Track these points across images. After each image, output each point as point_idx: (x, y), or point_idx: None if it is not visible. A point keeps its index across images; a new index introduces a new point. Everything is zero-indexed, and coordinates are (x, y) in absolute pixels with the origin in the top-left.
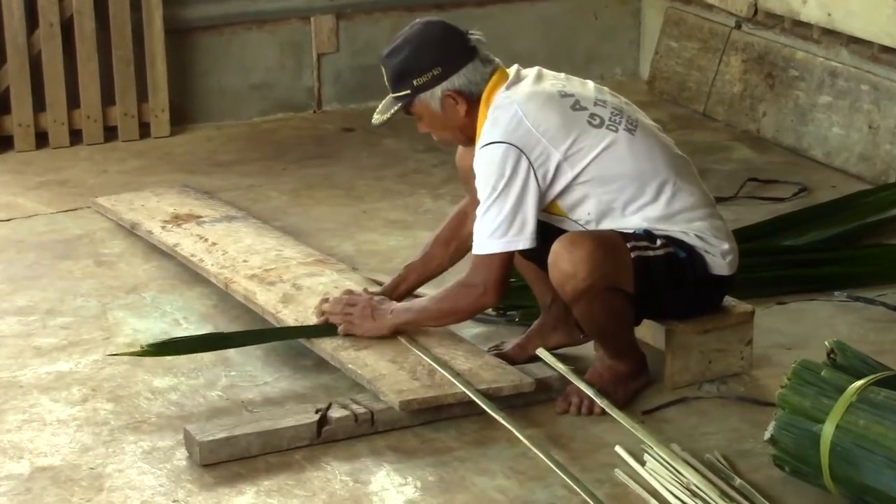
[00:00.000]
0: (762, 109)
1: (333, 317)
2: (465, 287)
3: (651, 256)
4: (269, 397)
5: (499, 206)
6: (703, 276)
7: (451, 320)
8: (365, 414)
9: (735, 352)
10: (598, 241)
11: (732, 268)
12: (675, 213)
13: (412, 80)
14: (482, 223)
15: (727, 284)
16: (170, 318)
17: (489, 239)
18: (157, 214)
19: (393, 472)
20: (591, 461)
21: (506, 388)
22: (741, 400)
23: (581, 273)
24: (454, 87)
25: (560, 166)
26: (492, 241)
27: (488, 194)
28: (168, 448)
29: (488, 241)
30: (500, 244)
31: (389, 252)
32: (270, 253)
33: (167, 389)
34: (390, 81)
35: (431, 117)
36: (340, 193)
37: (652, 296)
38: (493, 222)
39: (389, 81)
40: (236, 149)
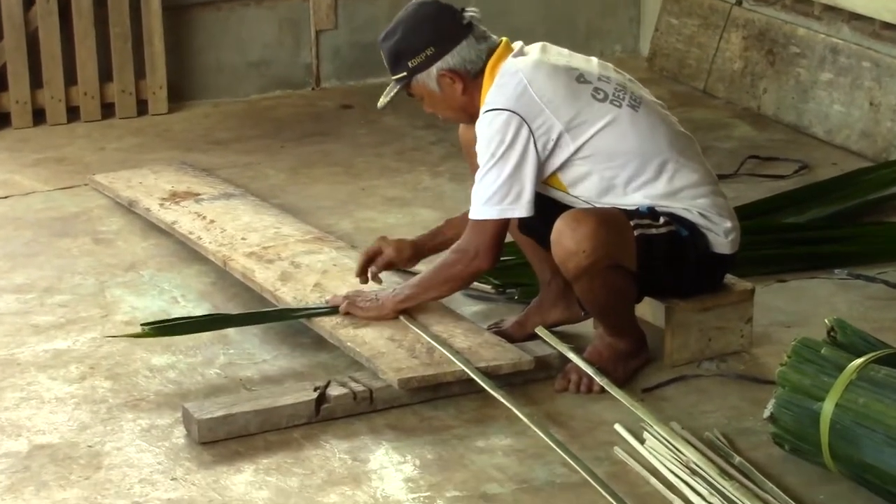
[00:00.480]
0: (763, 86)
1: (335, 299)
2: (458, 253)
3: (654, 234)
4: (268, 375)
5: (496, 172)
6: (705, 254)
7: (448, 288)
8: (364, 392)
9: (735, 330)
10: (601, 218)
11: (734, 246)
12: (677, 190)
13: (407, 62)
14: (479, 188)
15: (729, 263)
16: (168, 296)
17: (485, 205)
18: (155, 192)
19: (392, 450)
20: (591, 439)
21: (505, 367)
22: (741, 378)
23: (584, 250)
24: (449, 66)
25: (561, 137)
26: (487, 207)
27: (487, 160)
28: (166, 426)
29: (484, 206)
30: (495, 210)
31: (388, 230)
32: (269, 230)
33: (165, 367)
34: (388, 64)
35: (431, 97)
36: (339, 171)
37: (653, 274)
38: (490, 188)
39: (387, 64)
40: (234, 126)
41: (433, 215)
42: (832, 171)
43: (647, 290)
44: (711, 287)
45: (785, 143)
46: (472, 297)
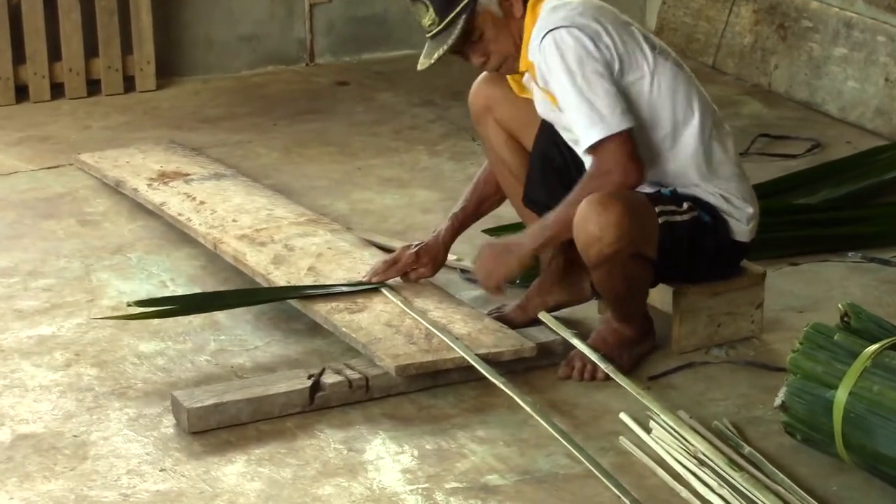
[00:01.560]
0: (774, 62)
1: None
2: (598, 178)
3: (677, 222)
4: (260, 362)
5: (590, 88)
6: (725, 241)
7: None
8: (360, 380)
9: (745, 315)
10: (628, 205)
11: (752, 234)
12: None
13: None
14: (580, 114)
15: (745, 251)
16: (156, 280)
17: (600, 123)
18: (143, 172)
19: (389, 440)
20: (595, 429)
21: (506, 353)
22: (751, 365)
23: (608, 238)
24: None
25: (614, 68)
26: (602, 125)
27: (571, 81)
28: (155, 415)
29: (599, 126)
30: (614, 123)
31: (385, 211)
32: (261, 212)
33: (154, 354)
34: (440, 4)
35: (494, 25)
36: (333, 150)
37: (671, 260)
38: (595, 104)
39: (439, 5)
40: (225, 103)
41: (432, 196)
42: (846, 150)
43: (662, 276)
44: (726, 275)
45: (797, 121)
46: (471, 281)
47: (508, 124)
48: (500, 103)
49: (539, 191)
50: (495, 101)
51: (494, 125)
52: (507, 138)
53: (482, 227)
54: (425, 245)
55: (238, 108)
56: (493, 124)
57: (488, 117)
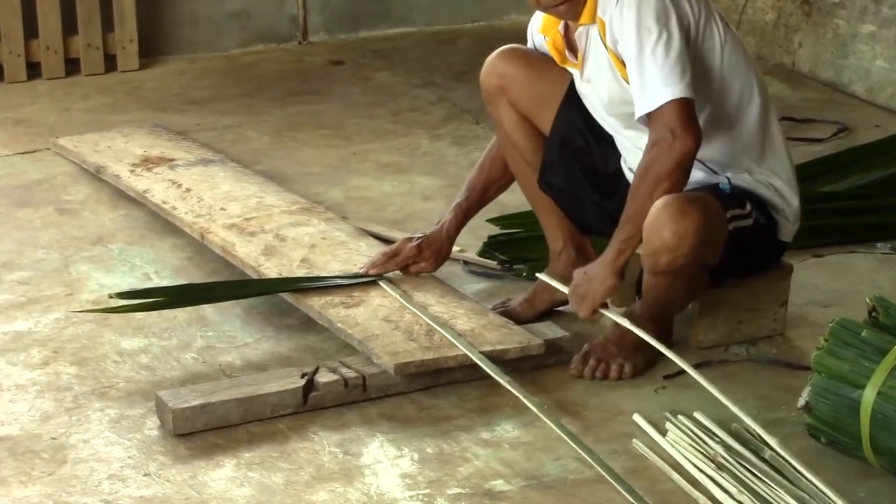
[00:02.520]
0: (798, 40)
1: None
2: (656, 146)
3: (743, 227)
4: (250, 360)
5: (664, 48)
6: (773, 243)
7: (665, 188)
8: (356, 379)
9: (768, 312)
10: (705, 213)
11: (793, 234)
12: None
13: None
14: (650, 71)
15: (785, 250)
16: (139, 273)
17: (664, 87)
18: (125, 157)
19: (387, 442)
20: (607, 431)
21: (512, 350)
22: (772, 363)
23: (685, 248)
24: None
25: (692, 32)
26: (668, 88)
27: (648, 37)
28: (138, 416)
29: (664, 89)
30: (678, 89)
31: (383, 199)
32: (251, 200)
33: (137, 351)
34: None
35: None
36: (328, 134)
37: (728, 265)
38: (664, 66)
39: None
40: (212, 84)
41: (433, 183)
42: (875, 134)
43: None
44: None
45: (822, 103)
46: (475, 274)
47: (523, 106)
48: (515, 83)
49: (556, 173)
50: (510, 81)
51: (507, 106)
52: (520, 120)
53: (486, 216)
54: (428, 238)
55: (226, 90)
56: (507, 105)
57: (501, 98)
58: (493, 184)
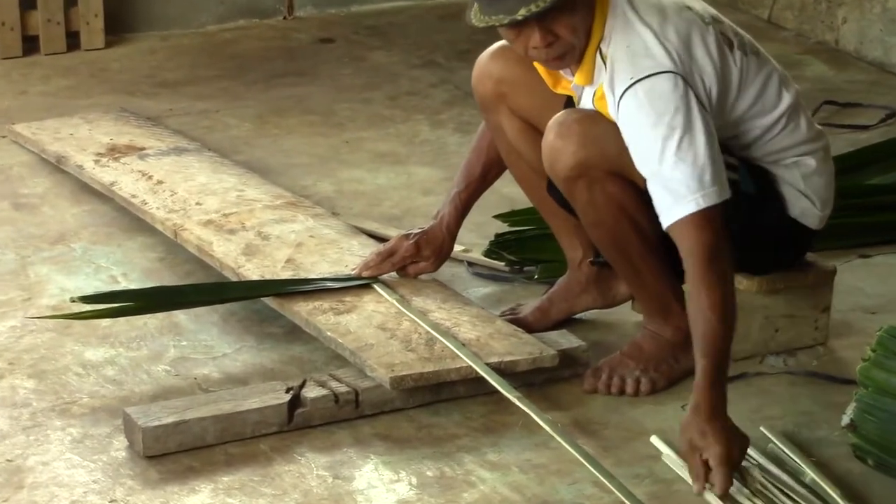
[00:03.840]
0: (842, 15)
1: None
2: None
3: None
4: (229, 373)
5: (687, 151)
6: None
7: (733, 305)
8: (347, 394)
9: (808, 319)
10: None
11: (823, 221)
12: (790, 146)
13: None
14: (673, 181)
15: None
16: (105, 275)
17: (688, 196)
18: (89, 146)
19: (382, 465)
20: (629, 452)
21: (522, 362)
22: (813, 376)
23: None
24: None
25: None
26: (690, 197)
27: (665, 143)
28: (103, 436)
29: (686, 199)
30: (701, 197)
31: (378, 192)
32: (230, 194)
33: (102, 363)
34: None
35: (586, 3)
36: (317, 120)
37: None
38: (686, 175)
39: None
40: (187, 64)
41: (434, 174)
42: None
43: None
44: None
45: (869, 86)
46: (481, 276)
47: (526, 112)
48: (515, 88)
49: None
50: (509, 87)
51: (508, 115)
52: (523, 128)
53: (492, 210)
54: (427, 234)
55: (203, 70)
56: (507, 114)
57: (500, 105)
58: (494, 166)
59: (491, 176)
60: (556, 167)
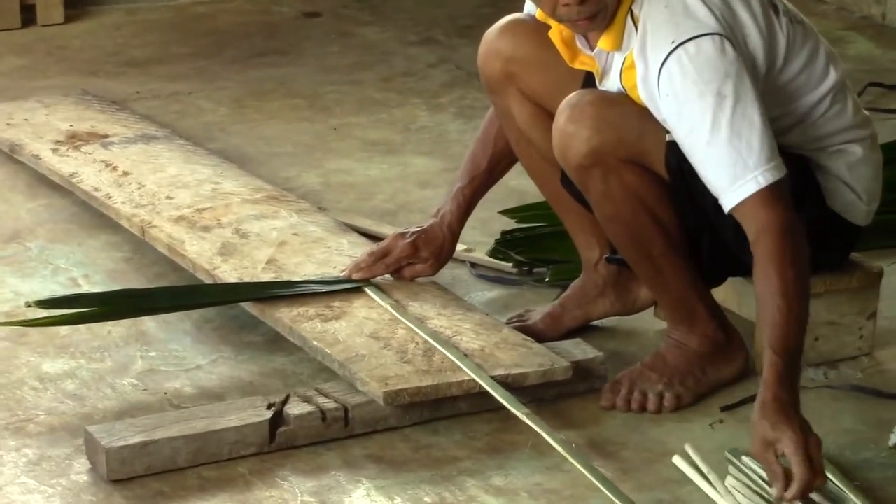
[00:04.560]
0: None
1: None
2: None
3: None
4: (203, 387)
5: (741, 121)
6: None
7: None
8: (336, 410)
9: (852, 327)
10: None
11: (870, 216)
12: (835, 131)
13: None
14: (728, 157)
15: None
16: (64, 277)
17: (746, 174)
18: (47, 133)
19: (375, 490)
20: (651, 475)
21: (532, 375)
22: (858, 391)
23: (584, 132)
24: None
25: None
26: (751, 175)
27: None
28: (63, 457)
29: (746, 178)
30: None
31: (369, 185)
32: (204, 186)
33: (61, 376)
34: None
35: None
36: (301, 104)
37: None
38: (744, 149)
39: None
40: (156, 42)
41: (432, 165)
42: None
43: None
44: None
45: None
46: (485, 278)
47: (538, 95)
48: (527, 68)
49: None
50: (519, 66)
51: (518, 97)
52: (535, 113)
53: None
54: (425, 233)
55: (174, 48)
56: (517, 96)
57: (509, 87)
58: (503, 158)
59: (499, 169)
60: (568, 155)
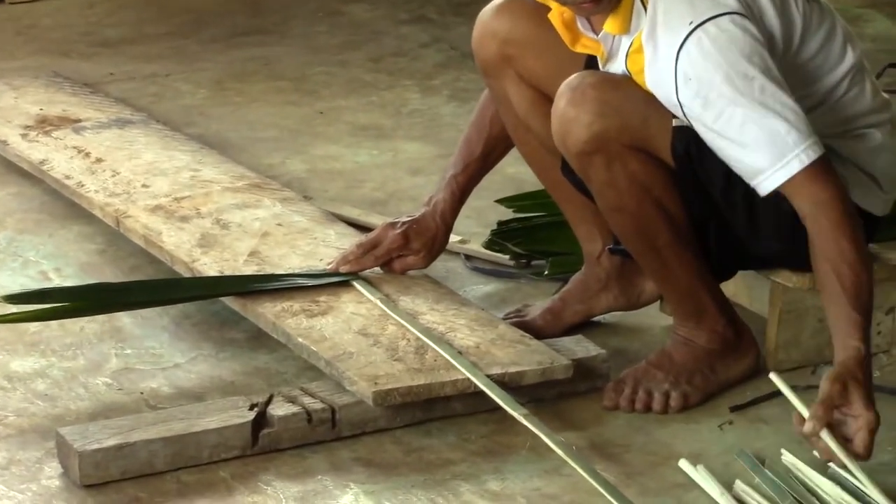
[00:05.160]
0: None
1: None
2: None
3: None
4: (182, 386)
5: (773, 100)
6: None
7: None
8: (322, 411)
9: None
10: (614, 90)
11: (888, 205)
12: (854, 115)
13: None
14: (764, 135)
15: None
16: (35, 270)
17: (786, 154)
18: (15, 117)
19: (363, 495)
20: (656, 480)
21: (530, 373)
22: (877, 391)
23: (585, 117)
24: None
25: (776, 45)
26: (792, 154)
27: (745, 93)
28: (33, 461)
29: (788, 157)
30: (804, 152)
31: (358, 172)
32: (182, 174)
33: (31, 375)
34: None
35: None
36: (286, 86)
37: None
38: (781, 125)
39: None
40: (131, 20)
41: (425, 151)
42: None
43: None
44: None
45: None
46: (481, 271)
47: (538, 79)
48: (526, 50)
49: None
50: (518, 48)
51: (516, 81)
52: (534, 98)
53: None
54: (417, 223)
55: (150, 27)
56: (515, 80)
57: (506, 70)
58: (498, 143)
59: (495, 155)
60: (568, 141)
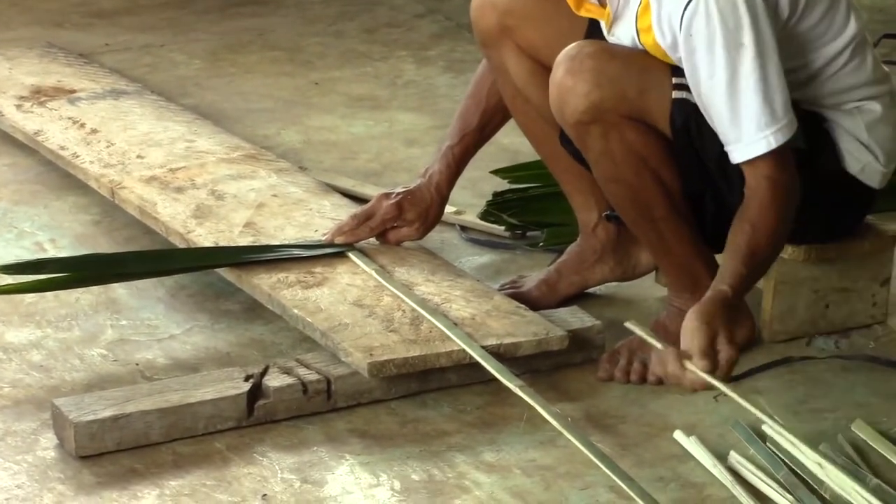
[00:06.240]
0: None
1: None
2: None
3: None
4: (177, 357)
5: (760, 72)
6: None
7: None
8: (318, 382)
9: (864, 293)
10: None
11: (886, 178)
12: (853, 86)
13: None
14: (745, 109)
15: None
16: (30, 241)
17: (760, 131)
18: (10, 88)
19: (359, 467)
20: (651, 451)
21: (525, 345)
22: (871, 361)
23: (582, 87)
24: None
25: (780, 10)
26: (765, 132)
27: (736, 60)
28: (28, 432)
29: (760, 135)
30: (775, 133)
31: (352, 143)
32: (177, 145)
33: (26, 346)
34: None
35: None
36: (281, 56)
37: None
38: (760, 103)
39: None
40: None
41: (420, 122)
42: None
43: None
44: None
45: None
46: (476, 242)
47: (536, 49)
48: (525, 20)
49: None
50: (517, 18)
51: (515, 51)
52: (533, 69)
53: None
54: (412, 194)
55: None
56: (514, 50)
57: (505, 41)
58: (495, 115)
59: (491, 126)
60: (566, 110)
